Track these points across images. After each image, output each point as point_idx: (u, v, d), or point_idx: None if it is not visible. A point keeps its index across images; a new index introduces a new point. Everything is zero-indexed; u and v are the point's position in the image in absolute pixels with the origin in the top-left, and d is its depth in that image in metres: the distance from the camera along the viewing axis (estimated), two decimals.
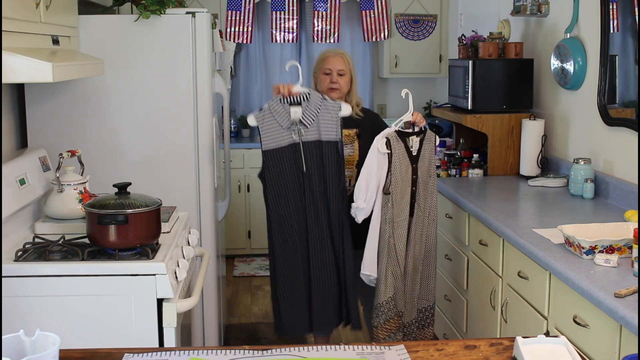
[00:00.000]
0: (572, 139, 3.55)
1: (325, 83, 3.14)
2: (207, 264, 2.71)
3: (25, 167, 2.57)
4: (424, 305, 3.09)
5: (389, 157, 2.88)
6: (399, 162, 2.90)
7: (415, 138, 2.96)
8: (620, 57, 3.13)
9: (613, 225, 2.51)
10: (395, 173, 2.89)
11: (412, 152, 2.95)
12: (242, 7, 5.50)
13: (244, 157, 5.49)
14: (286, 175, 2.97)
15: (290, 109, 2.93)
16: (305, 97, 2.96)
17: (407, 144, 2.94)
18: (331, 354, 1.59)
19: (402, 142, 2.93)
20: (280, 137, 2.95)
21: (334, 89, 3.12)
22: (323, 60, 3.19)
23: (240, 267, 5.43)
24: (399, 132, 2.93)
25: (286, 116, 2.94)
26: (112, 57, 3.04)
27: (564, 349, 1.54)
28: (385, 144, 2.88)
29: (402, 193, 2.92)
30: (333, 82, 3.12)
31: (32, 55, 2.14)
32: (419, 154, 2.97)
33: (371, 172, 2.90)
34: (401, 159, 2.91)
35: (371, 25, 5.66)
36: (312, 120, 2.94)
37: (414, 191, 2.96)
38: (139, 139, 3.14)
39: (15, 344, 1.38)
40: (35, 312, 2.15)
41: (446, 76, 4.72)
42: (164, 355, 1.59)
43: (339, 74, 3.13)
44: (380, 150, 2.89)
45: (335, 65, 3.13)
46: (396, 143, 2.90)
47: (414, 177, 2.96)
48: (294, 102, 2.95)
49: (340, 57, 3.16)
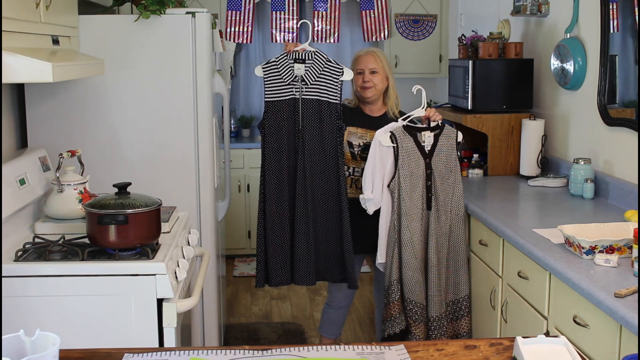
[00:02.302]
0: (572, 139, 3.55)
1: (358, 82, 3.20)
2: (207, 264, 2.71)
3: (25, 167, 2.57)
4: (453, 298, 3.09)
5: (395, 150, 2.93)
6: (408, 156, 2.95)
7: (428, 133, 2.99)
8: (620, 57, 3.13)
9: (613, 225, 2.51)
10: (403, 167, 2.93)
11: (424, 147, 2.98)
12: (242, 7, 5.50)
13: (244, 157, 5.49)
14: (283, 129, 3.10)
15: (295, 65, 3.06)
16: (310, 56, 3.08)
17: (417, 139, 2.97)
18: (331, 354, 1.59)
19: (412, 137, 2.97)
20: (282, 91, 3.08)
21: (367, 87, 3.17)
22: (355, 60, 3.26)
23: (240, 267, 5.43)
24: (407, 127, 2.97)
25: (290, 71, 3.06)
26: (112, 57, 3.04)
27: (564, 349, 1.54)
28: (390, 137, 2.94)
29: (412, 187, 2.95)
30: (365, 80, 3.16)
31: (32, 55, 2.14)
32: (433, 149, 2.99)
33: (375, 164, 2.96)
34: (410, 153, 2.96)
35: (371, 25, 5.66)
36: (313, 78, 3.04)
37: (429, 185, 2.98)
38: (139, 139, 3.14)
39: (15, 344, 1.38)
40: (35, 312, 2.15)
41: (446, 76, 4.72)
42: (164, 355, 1.59)
43: (372, 72, 3.18)
44: (383, 143, 2.95)
45: (366, 64, 3.18)
46: (403, 137, 2.96)
47: (428, 172, 2.99)
48: (298, 59, 3.07)
49: (372, 56, 3.21)
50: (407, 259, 2.96)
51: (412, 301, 2.99)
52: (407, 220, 2.95)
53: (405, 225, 2.95)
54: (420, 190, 2.98)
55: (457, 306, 3.10)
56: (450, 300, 3.09)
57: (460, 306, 3.11)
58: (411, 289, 2.98)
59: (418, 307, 3.00)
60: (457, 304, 3.10)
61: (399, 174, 2.94)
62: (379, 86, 3.18)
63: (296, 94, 3.06)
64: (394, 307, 3.01)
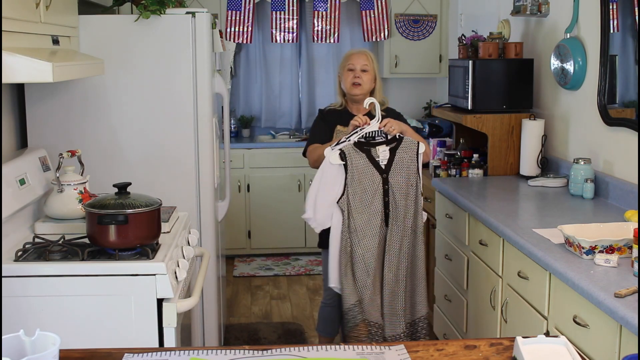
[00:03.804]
0: (572, 139, 3.55)
1: (348, 79, 3.20)
2: (207, 264, 2.71)
3: (25, 167, 2.57)
4: (410, 319, 3.03)
5: (345, 168, 2.87)
6: (360, 173, 2.88)
7: (383, 147, 2.92)
8: (620, 57, 3.13)
9: (613, 225, 2.51)
10: (354, 184, 2.87)
11: (379, 162, 2.91)
12: (242, 7, 5.51)
13: (244, 157, 5.48)
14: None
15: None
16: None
17: (371, 154, 2.91)
18: (331, 354, 1.59)
19: (364, 153, 2.90)
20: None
21: (357, 84, 3.17)
22: (347, 57, 3.26)
23: (240, 267, 5.43)
24: (359, 143, 2.90)
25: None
26: (112, 57, 3.04)
27: (564, 349, 1.54)
28: (339, 155, 2.87)
29: (365, 204, 2.89)
30: (356, 76, 3.17)
31: (32, 55, 2.14)
32: (390, 164, 2.93)
33: (322, 184, 2.90)
34: (362, 169, 2.89)
35: (371, 25, 5.66)
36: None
37: (387, 202, 2.93)
38: (139, 139, 3.14)
39: (15, 344, 1.38)
40: (35, 312, 2.15)
41: (446, 76, 4.72)
42: (164, 355, 1.59)
43: (362, 70, 3.19)
44: (332, 162, 2.87)
45: (358, 61, 3.19)
46: (354, 154, 2.88)
47: (386, 187, 2.92)
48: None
49: (364, 55, 3.23)
50: (359, 277, 2.90)
51: (369, 322, 2.93)
52: (358, 238, 2.88)
53: (356, 243, 2.88)
54: (376, 207, 2.90)
55: (414, 327, 3.04)
56: (411, 320, 3.03)
57: (417, 327, 3.04)
58: (366, 309, 2.92)
59: (377, 327, 2.94)
60: (414, 325, 3.04)
61: (347, 192, 2.87)
62: (367, 85, 3.19)
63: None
64: (359, 331, 2.92)
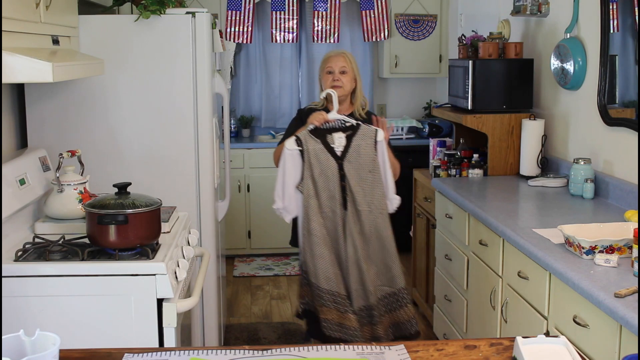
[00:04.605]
0: (572, 139, 3.55)
1: (327, 82, 3.20)
2: (207, 264, 2.71)
3: (25, 167, 2.57)
4: (390, 291, 3.10)
5: (302, 154, 2.98)
6: (316, 158, 2.99)
7: (339, 135, 3.02)
8: (620, 57, 3.13)
9: (613, 225, 2.51)
10: (311, 168, 2.98)
11: (334, 148, 3.01)
12: (242, 7, 5.51)
13: (244, 157, 5.48)
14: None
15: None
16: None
17: (326, 140, 3.00)
18: (331, 354, 1.59)
19: (319, 139, 3.00)
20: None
21: (336, 87, 3.16)
22: (325, 60, 3.26)
23: (240, 267, 5.43)
24: (315, 130, 3.01)
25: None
26: (112, 57, 3.04)
27: (564, 349, 1.54)
28: (295, 141, 2.99)
29: (322, 188, 2.99)
30: (335, 79, 3.17)
31: (32, 55, 2.14)
32: (346, 151, 3.01)
33: (285, 172, 3.01)
34: (318, 155, 2.99)
35: (371, 25, 5.66)
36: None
37: (344, 186, 3.01)
38: (139, 139, 3.14)
39: (15, 344, 1.38)
40: (35, 312, 2.15)
41: (446, 76, 4.72)
42: (164, 355, 1.59)
43: (341, 72, 3.18)
44: (288, 147, 3.01)
45: (336, 64, 3.19)
46: (310, 140, 3.00)
47: (342, 173, 3.00)
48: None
49: (342, 56, 3.22)
50: (320, 252, 3.00)
51: (332, 292, 3.01)
52: (317, 220, 2.99)
53: (314, 225, 2.99)
54: (333, 191, 3.00)
55: (395, 297, 3.12)
56: (387, 293, 3.10)
57: (398, 297, 3.11)
58: (327, 280, 3.01)
59: (342, 298, 3.02)
60: (395, 295, 3.11)
61: (305, 175, 2.99)
62: (347, 86, 3.19)
63: None
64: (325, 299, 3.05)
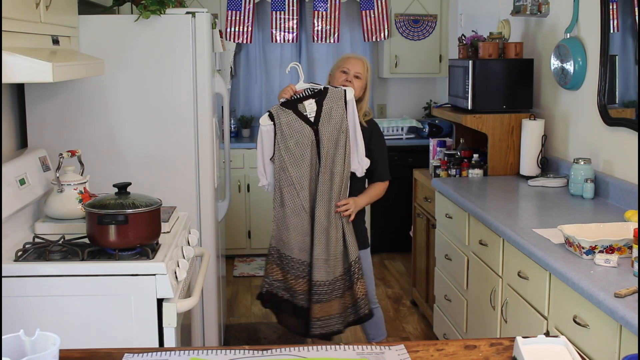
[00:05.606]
0: (572, 139, 3.55)
1: (340, 80, 3.19)
2: (207, 264, 2.71)
3: (25, 167, 2.57)
4: (346, 264, 3.07)
5: (274, 128, 3.04)
6: (290, 129, 3.02)
7: (309, 101, 3.04)
8: (620, 57, 3.13)
9: (613, 225, 2.51)
10: (285, 140, 3.02)
11: (306, 115, 3.03)
12: (242, 7, 5.51)
13: (244, 157, 5.49)
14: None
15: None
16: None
17: (298, 110, 3.04)
18: (331, 354, 1.59)
19: (291, 109, 3.04)
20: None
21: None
22: (344, 59, 3.26)
23: (240, 267, 5.43)
24: (285, 102, 3.06)
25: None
26: (112, 57, 3.04)
27: (564, 349, 1.54)
28: (268, 117, 3.05)
29: (298, 157, 3.02)
30: (348, 80, 3.16)
31: (32, 55, 2.14)
32: (319, 115, 3.03)
33: (263, 150, 3.08)
34: (292, 125, 3.02)
35: (371, 25, 5.66)
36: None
37: (319, 152, 3.02)
38: (138, 139, 3.14)
39: (15, 344, 1.38)
40: (35, 312, 2.15)
41: (446, 76, 4.72)
42: (164, 355, 1.59)
43: (356, 76, 3.18)
44: (262, 123, 3.06)
45: (354, 67, 3.19)
46: (282, 113, 3.04)
47: (317, 138, 3.02)
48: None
49: (361, 62, 3.22)
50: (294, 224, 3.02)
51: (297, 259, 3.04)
52: (296, 191, 3.01)
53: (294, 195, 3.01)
54: (310, 159, 3.02)
55: (351, 271, 3.08)
56: (345, 267, 3.07)
57: (353, 270, 3.07)
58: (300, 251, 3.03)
59: (301, 264, 3.04)
60: (351, 269, 3.07)
61: (279, 148, 3.02)
62: (357, 92, 3.16)
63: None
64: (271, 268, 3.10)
